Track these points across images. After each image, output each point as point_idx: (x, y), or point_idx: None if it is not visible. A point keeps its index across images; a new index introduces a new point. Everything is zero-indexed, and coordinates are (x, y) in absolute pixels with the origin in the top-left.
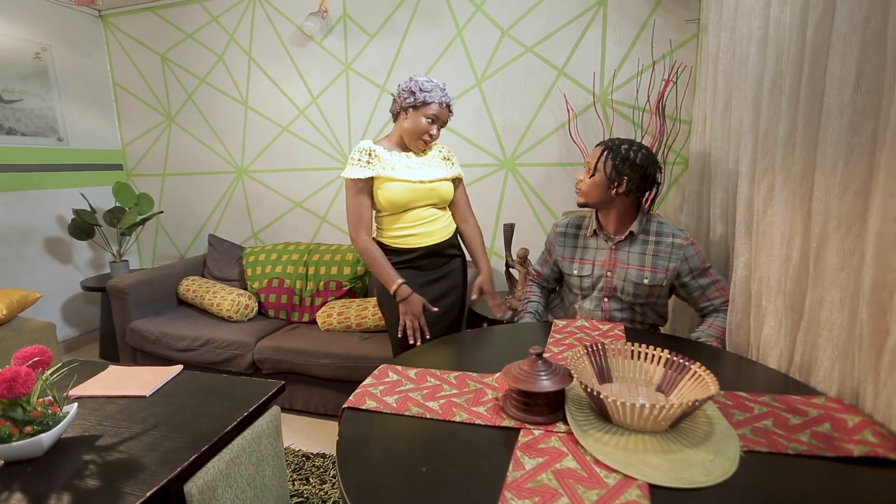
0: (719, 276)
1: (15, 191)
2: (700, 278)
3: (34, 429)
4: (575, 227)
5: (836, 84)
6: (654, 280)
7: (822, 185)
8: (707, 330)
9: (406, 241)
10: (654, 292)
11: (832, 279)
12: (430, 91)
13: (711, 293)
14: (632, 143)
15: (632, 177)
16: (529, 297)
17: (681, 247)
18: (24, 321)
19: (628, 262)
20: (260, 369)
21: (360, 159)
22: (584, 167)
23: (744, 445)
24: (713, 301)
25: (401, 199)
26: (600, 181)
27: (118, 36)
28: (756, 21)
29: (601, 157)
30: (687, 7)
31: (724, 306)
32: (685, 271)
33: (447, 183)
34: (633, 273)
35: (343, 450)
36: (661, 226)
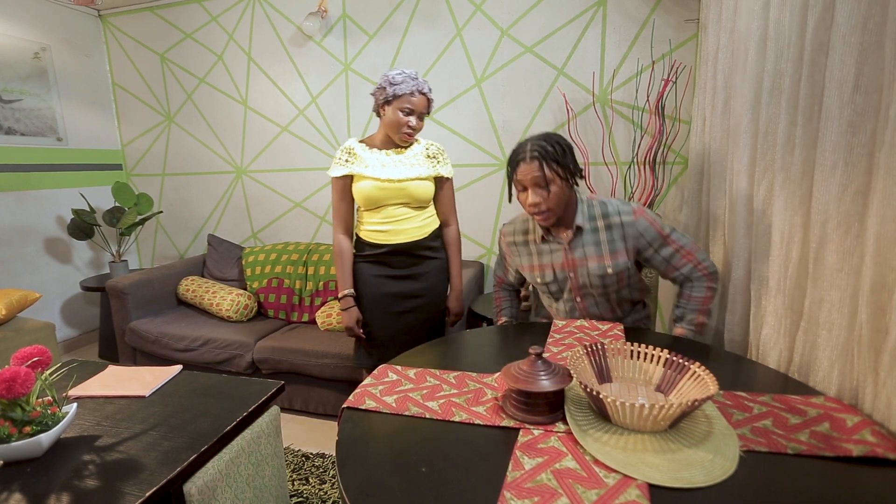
0: (683, 240)
1: (14, 191)
2: (662, 249)
3: (33, 429)
4: (522, 234)
5: (835, 84)
6: (617, 266)
7: (822, 185)
8: (688, 305)
9: (376, 236)
10: (623, 276)
11: (831, 279)
12: (400, 83)
13: (678, 262)
14: (547, 137)
15: (574, 164)
16: (500, 305)
17: (631, 224)
18: (24, 321)
19: (586, 257)
20: (259, 369)
21: (340, 158)
22: (529, 192)
23: (743, 445)
24: (681, 270)
25: (370, 196)
26: (560, 188)
27: (117, 36)
28: (755, 21)
29: (546, 168)
30: (686, 7)
31: (696, 272)
32: (644, 246)
33: (422, 182)
34: (595, 266)
35: (342, 450)
36: (604, 206)
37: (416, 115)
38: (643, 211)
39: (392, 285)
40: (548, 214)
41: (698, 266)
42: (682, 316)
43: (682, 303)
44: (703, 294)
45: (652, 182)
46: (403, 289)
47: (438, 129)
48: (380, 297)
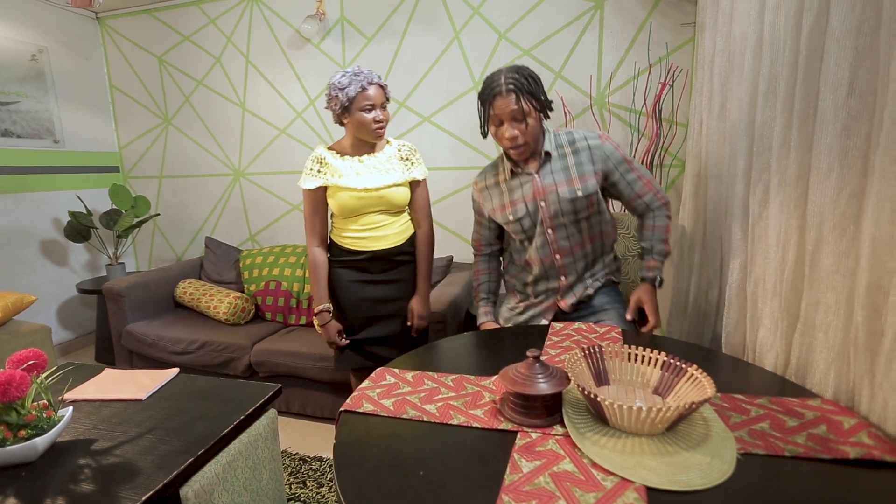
0: (643, 169)
1: (11, 193)
2: (627, 174)
3: (28, 433)
4: (493, 177)
5: (830, 88)
6: (587, 189)
7: (817, 188)
8: (654, 235)
9: (355, 243)
10: (593, 201)
11: (827, 281)
12: (349, 85)
13: (640, 188)
14: (518, 69)
15: (545, 96)
16: (479, 279)
17: (598, 147)
18: (20, 324)
19: (555, 182)
20: (257, 372)
21: (312, 168)
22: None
23: (740, 448)
24: (643, 198)
25: (349, 206)
26: (535, 120)
27: (115, 38)
28: (751, 25)
29: (522, 101)
30: (683, 11)
31: (657, 201)
32: (611, 169)
33: (399, 188)
34: (565, 190)
35: (340, 453)
36: (570, 134)
37: (377, 107)
38: (608, 136)
39: (369, 290)
40: (524, 148)
41: (657, 195)
42: (651, 248)
43: (646, 234)
44: (665, 223)
45: None
46: (381, 293)
47: (436, 131)
48: (358, 301)
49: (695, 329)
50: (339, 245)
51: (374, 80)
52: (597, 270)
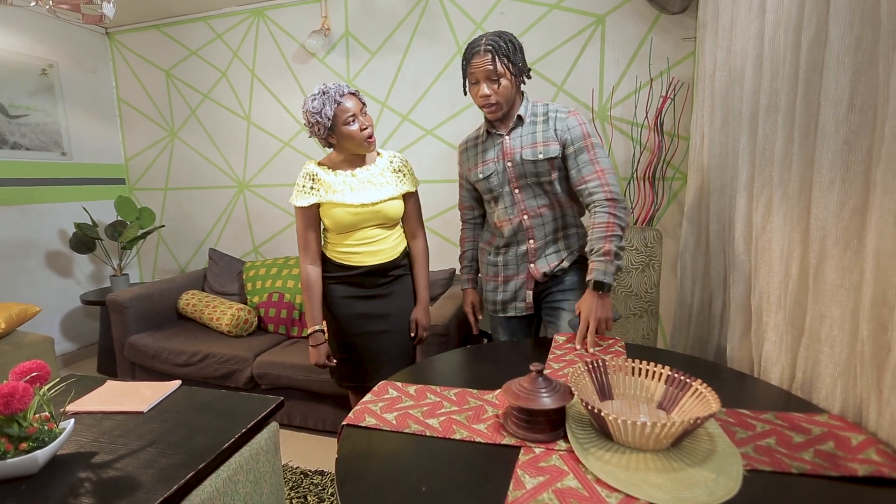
0: (603, 158)
1: (18, 205)
2: (581, 154)
3: (30, 445)
4: (473, 140)
5: (830, 103)
6: (548, 153)
7: (820, 202)
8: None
9: (349, 258)
10: (554, 165)
11: (832, 295)
12: (323, 107)
13: (588, 174)
14: (501, 33)
15: (523, 63)
16: (463, 246)
17: (563, 119)
18: (23, 335)
19: (521, 145)
20: (259, 384)
21: (305, 185)
22: (480, 83)
23: (747, 464)
24: (588, 184)
25: (344, 222)
26: (509, 82)
27: (124, 53)
28: (751, 40)
29: (498, 62)
30: (683, 26)
31: (599, 192)
32: (567, 142)
33: (394, 202)
34: (528, 152)
35: (342, 468)
36: (546, 106)
37: (358, 115)
38: (579, 114)
39: (363, 305)
40: (496, 108)
41: (605, 187)
42: (592, 248)
43: (590, 233)
44: (605, 220)
45: (652, 197)
46: (373, 309)
47: (438, 143)
48: (352, 317)
49: (698, 342)
50: (332, 261)
51: (343, 91)
52: (571, 241)
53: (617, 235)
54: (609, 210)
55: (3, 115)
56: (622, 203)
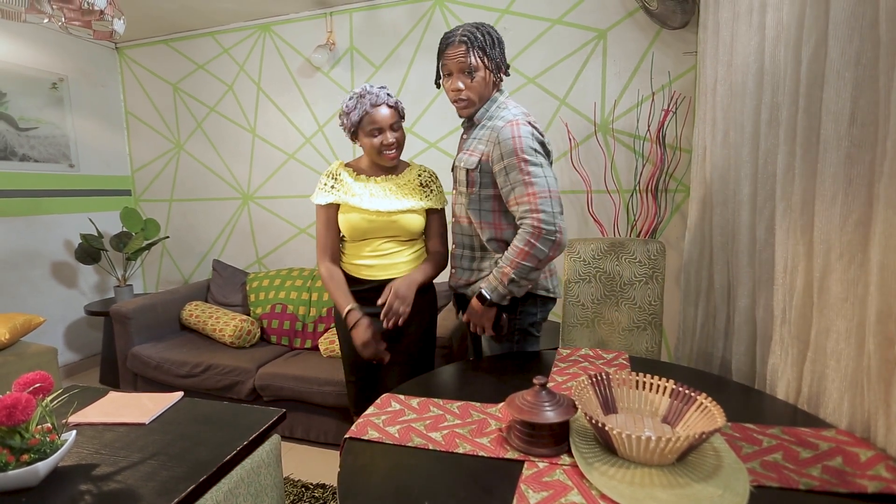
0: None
1: (25, 216)
2: (511, 172)
3: (31, 457)
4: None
5: (831, 117)
6: (468, 163)
7: (823, 216)
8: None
9: (361, 270)
10: (472, 179)
11: (837, 309)
12: (353, 109)
13: (520, 195)
14: (480, 25)
15: (501, 58)
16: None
17: (498, 129)
18: (27, 345)
19: (465, 149)
20: (261, 396)
21: (326, 184)
22: (454, 76)
23: (753, 480)
24: (518, 207)
25: (357, 228)
26: (483, 78)
27: (132, 67)
28: (752, 55)
29: (472, 55)
30: (684, 41)
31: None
32: (496, 157)
33: (413, 216)
34: (461, 157)
35: (344, 482)
36: (503, 111)
37: (386, 129)
38: (518, 124)
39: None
40: (467, 103)
41: (533, 213)
42: (497, 263)
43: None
44: (520, 246)
45: (654, 209)
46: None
47: (441, 156)
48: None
49: (702, 355)
50: (347, 273)
51: (380, 100)
52: (484, 265)
53: (525, 266)
54: (529, 238)
55: (14, 127)
56: (550, 235)
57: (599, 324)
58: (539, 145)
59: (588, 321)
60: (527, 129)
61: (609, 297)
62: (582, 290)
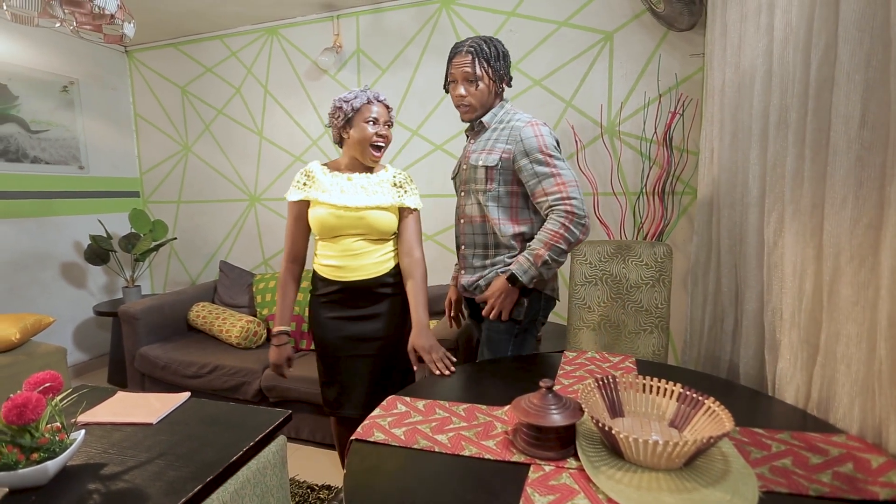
0: (566, 171)
1: (36, 217)
2: (538, 165)
3: (41, 456)
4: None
5: (841, 119)
6: (488, 161)
7: (833, 219)
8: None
9: (329, 271)
10: (491, 176)
11: (847, 313)
12: (354, 97)
13: (549, 186)
14: (488, 39)
15: (505, 70)
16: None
17: (518, 128)
18: (37, 345)
19: (475, 150)
20: (267, 397)
21: (299, 181)
22: (458, 83)
23: (762, 485)
24: (548, 196)
25: (325, 224)
26: (487, 87)
27: (142, 70)
28: (760, 57)
29: (477, 65)
30: (691, 42)
31: (561, 204)
32: (520, 153)
33: (383, 213)
34: (474, 157)
35: (350, 483)
36: (514, 115)
37: (381, 122)
38: (538, 124)
39: (349, 327)
40: (469, 109)
41: (565, 200)
42: (530, 245)
43: (537, 233)
44: (555, 228)
45: (661, 212)
46: (363, 330)
47: (447, 158)
48: (338, 340)
49: (710, 359)
50: (318, 274)
51: (380, 97)
52: (497, 262)
53: (558, 248)
54: (563, 221)
55: (26, 130)
56: (581, 219)
57: (606, 327)
58: (557, 144)
59: (594, 324)
60: (546, 128)
61: (615, 300)
62: (588, 292)
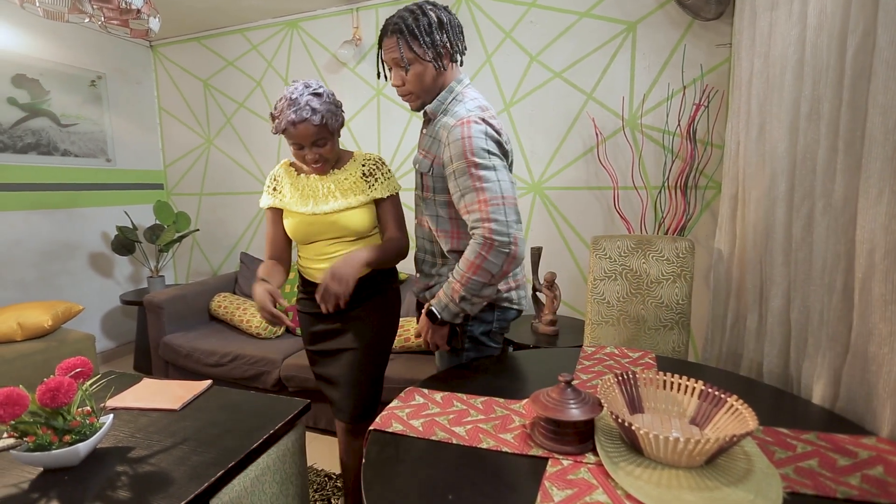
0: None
1: (66, 208)
2: (461, 177)
3: (73, 438)
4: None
5: (879, 110)
6: (422, 166)
7: (867, 213)
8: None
9: (310, 273)
10: (427, 184)
11: (880, 311)
12: (277, 116)
13: (470, 203)
14: (412, 9)
15: (448, 40)
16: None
17: (449, 127)
18: (67, 332)
19: (420, 147)
20: (286, 387)
21: (268, 186)
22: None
23: (787, 486)
24: (469, 216)
25: (298, 231)
26: (423, 69)
27: (166, 64)
28: (791, 46)
29: (403, 46)
30: (718, 32)
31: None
32: (446, 160)
33: (354, 212)
34: (416, 156)
35: (369, 473)
36: (456, 104)
37: (307, 146)
38: (469, 122)
39: (322, 323)
40: (411, 97)
41: (484, 222)
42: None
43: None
44: (472, 258)
45: (683, 207)
46: (333, 327)
47: None
48: (309, 335)
49: (731, 356)
50: (301, 274)
51: (299, 118)
52: (443, 273)
53: (476, 281)
54: (479, 250)
55: (56, 124)
56: (504, 247)
57: (625, 322)
58: (495, 145)
59: (613, 319)
60: (479, 127)
61: (635, 296)
62: (607, 287)
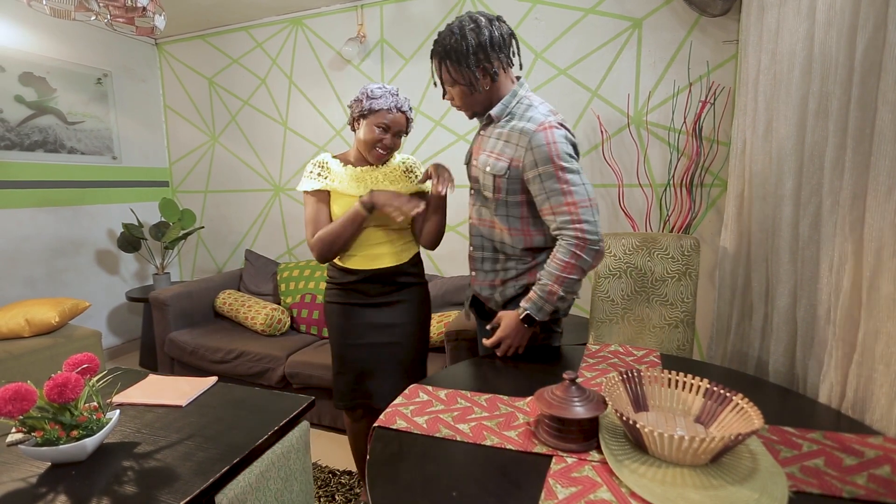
0: (579, 188)
1: (72, 205)
2: (547, 180)
3: (80, 433)
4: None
5: (889, 107)
6: (496, 169)
7: (876, 211)
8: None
9: (350, 261)
10: (500, 186)
11: (888, 310)
12: (378, 97)
13: (557, 205)
14: (454, 30)
15: (484, 60)
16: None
17: (528, 133)
18: (74, 328)
19: (483, 148)
20: (290, 384)
21: (313, 171)
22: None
23: (792, 485)
24: (557, 217)
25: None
26: (468, 86)
27: (171, 62)
28: (799, 42)
29: (447, 70)
30: (724, 29)
31: (569, 229)
32: (529, 164)
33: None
34: (483, 158)
35: (373, 470)
36: (528, 109)
37: (391, 132)
38: (552, 128)
39: (368, 314)
40: (464, 108)
41: (575, 224)
42: (541, 277)
43: (547, 262)
44: (565, 259)
45: (689, 204)
46: (381, 318)
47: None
48: (352, 326)
49: (737, 355)
50: (335, 265)
51: (403, 107)
52: (509, 273)
53: (571, 280)
54: (573, 249)
55: (63, 121)
56: (594, 245)
57: (629, 320)
58: (572, 148)
59: (618, 317)
60: (561, 132)
61: (640, 294)
62: (612, 285)
